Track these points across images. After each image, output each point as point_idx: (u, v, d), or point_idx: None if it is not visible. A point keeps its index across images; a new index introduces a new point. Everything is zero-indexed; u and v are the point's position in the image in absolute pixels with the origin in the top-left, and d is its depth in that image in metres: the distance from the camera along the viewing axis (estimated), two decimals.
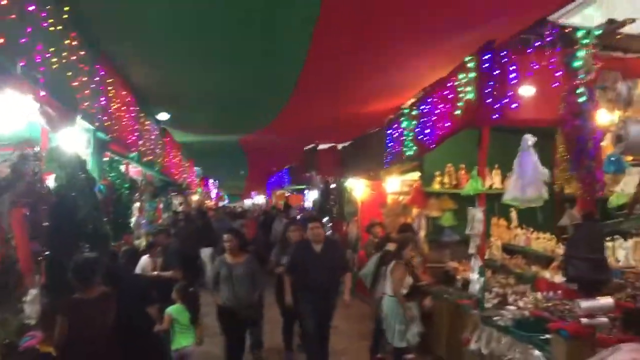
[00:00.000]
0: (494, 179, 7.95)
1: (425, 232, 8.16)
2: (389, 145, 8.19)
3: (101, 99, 6.18)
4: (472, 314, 6.03)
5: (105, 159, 7.50)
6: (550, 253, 6.58)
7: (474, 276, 6.12)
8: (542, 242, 6.85)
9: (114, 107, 6.82)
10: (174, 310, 6.09)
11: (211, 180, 28.46)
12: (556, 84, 4.49)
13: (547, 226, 7.72)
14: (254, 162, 20.60)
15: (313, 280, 6.36)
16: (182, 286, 6.41)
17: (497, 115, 4.48)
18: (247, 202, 37.84)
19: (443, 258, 8.32)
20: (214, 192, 30.23)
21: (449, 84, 5.42)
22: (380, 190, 11.13)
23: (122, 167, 8.40)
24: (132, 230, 8.34)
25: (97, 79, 5.99)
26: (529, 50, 4.60)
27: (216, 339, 7.11)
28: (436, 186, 8.13)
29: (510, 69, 4.54)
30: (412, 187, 8.32)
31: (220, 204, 30.14)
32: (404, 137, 7.31)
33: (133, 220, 9.21)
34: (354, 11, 4.83)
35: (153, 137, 9.92)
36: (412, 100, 7.37)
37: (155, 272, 7.06)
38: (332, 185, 14.83)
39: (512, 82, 4.58)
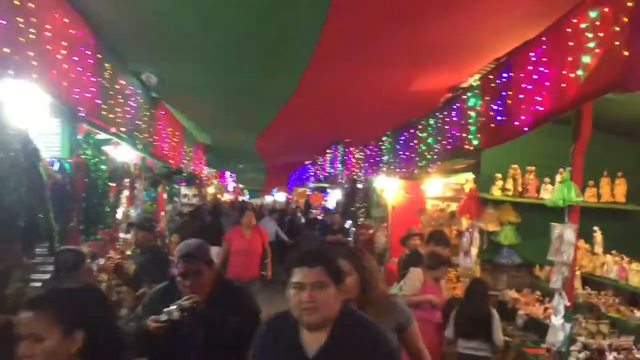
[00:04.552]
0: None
1: (478, 249, 6.36)
2: (446, 132, 6.30)
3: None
4: None
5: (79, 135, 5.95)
6: None
7: (557, 320, 4.39)
8: None
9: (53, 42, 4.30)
10: None
11: (228, 173, 26.81)
12: None
13: (637, 252, 5.93)
14: (272, 158, 18.92)
15: None
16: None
17: None
18: (268, 199, 36.41)
19: (498, 284, 6.56)
20: (231, 186, 28.58)
21: (567, 30, 3.49)
22: (418, 193, 9.40)
23: (110, 147, 6.83)
24: (111, 224, 6.71)
25: None
26: None
27: None
28: (496, 192, 6.33)
29: None
30: (466, 192, 6.50)
31: (240, 199, 28.45)
32: (469, 121, 5.41)
33: (119, 211, 7.67)
34: None
35: (133, 103, 7.17)
36: (477, 75, 5.52)
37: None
38: (359, 185, 13.20)
39: None
